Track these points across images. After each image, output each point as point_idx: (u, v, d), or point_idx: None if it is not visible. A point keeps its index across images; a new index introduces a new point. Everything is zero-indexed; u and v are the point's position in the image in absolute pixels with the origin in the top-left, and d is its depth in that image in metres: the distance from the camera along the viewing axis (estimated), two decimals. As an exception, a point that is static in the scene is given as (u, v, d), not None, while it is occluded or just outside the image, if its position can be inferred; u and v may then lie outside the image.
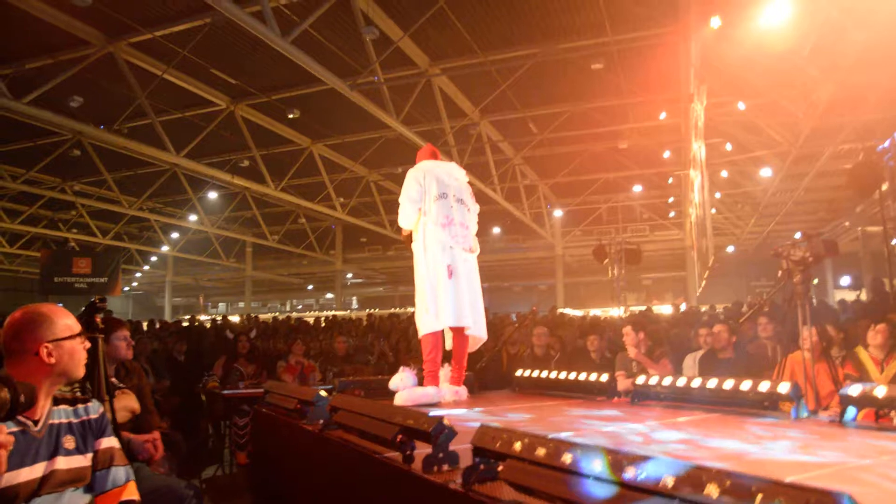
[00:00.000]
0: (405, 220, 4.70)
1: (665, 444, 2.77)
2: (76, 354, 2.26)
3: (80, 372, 2.28)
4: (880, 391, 3.13)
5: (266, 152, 16.19)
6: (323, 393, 3.68)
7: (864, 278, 20.49)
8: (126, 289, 36.16)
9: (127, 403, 3.73)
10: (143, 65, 11.39)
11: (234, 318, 19.88)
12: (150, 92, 11.66)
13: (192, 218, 22.53)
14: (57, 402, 2.26)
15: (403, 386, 4.49)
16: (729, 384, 3.59)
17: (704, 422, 3.38)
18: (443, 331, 4.60)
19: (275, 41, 8.25)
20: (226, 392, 6.69)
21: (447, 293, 4.52)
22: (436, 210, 4.62)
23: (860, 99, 11.14)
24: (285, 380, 7.13)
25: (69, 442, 2.21)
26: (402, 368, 4.65)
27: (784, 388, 3.40)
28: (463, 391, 4.73)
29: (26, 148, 15.68)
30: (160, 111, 12.84)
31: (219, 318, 18.76)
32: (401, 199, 4.69)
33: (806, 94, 11.35)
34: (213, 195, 21.43)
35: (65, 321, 2.26)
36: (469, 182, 5.03)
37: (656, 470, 1.54)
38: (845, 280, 25.04)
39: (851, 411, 3.24)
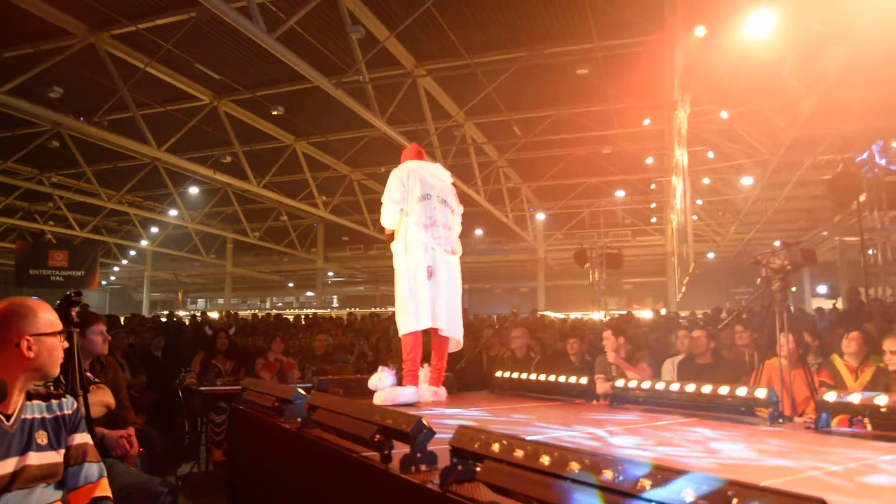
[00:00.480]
0: (387, 219, 4.70)
1: (641, 448, 2.79)
2: (55, 352, 2.24)
3: (56, 371, 2.26)
4: (854, 398, 3.18)
5: (249, 149, 16.09)
6: (301, 391, 3.66)
7: (840, 287, 20.79)
8: (104, 283, 35.74)
9: (102, 398, 3.69)
10: (125, 57, 11.27)
11: (214, 315, 19.73)
12: (132, 85, 11.54)
13: (173, 213, 22.32)
14: (30, 396, 2.23)
15: (382, 385, 4.48)
16: (707, 389, 3.62)
17: (682, 425, 3.41)
18: (423, 331, 4.59)
19: (260, 37, 8.19)
20: (203, 389, 6.64)
21: (426, 294, 4.52)
22: (418, 211, 4.62)
23: (841, 111, 11.30)
24: (264, 377, 7.09)
25: (42, 437, 2.18)
26: (380, 368, 4.63)
27: (761, 393, 3.43)
28: (442, 392, 4.73)
29: (3, 138, 15.43)
30: (142, 104, 12.70)
31: (198, 314, 18.62)
32: (383, 199, 4.69)
33: (788, 104, 11.50)
34: (194, 190, 21.26)
35: (48, 317, 2.24)
36: (453, 183, 5.03)
37: (633, 472, 1.55)
38: (822, 288, 25.39)
39: (826, 417, 3.28)
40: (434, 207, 4.69)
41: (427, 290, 4.53)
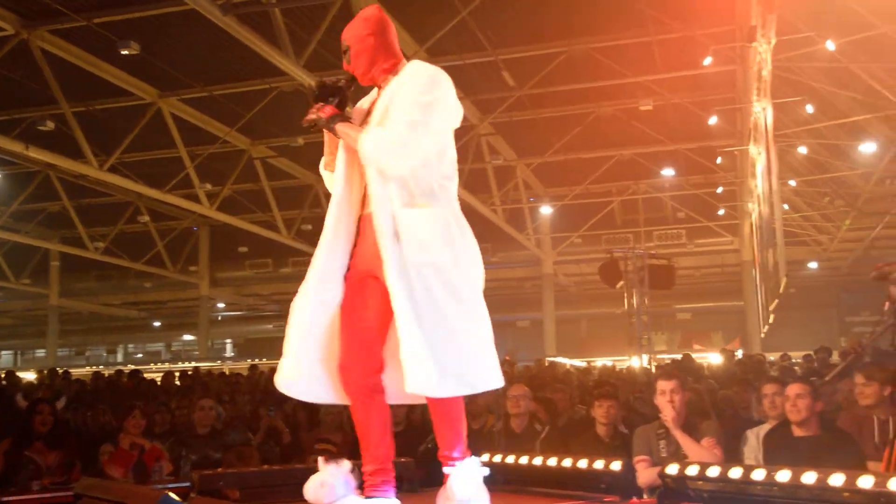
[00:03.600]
0: (417, 152, 3.54)
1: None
2: None
3: None
4: None
5: (84, 109, 15.98)
6: (174, 497, 3.61)
7: None
8: None
9: None
10: None
11: (28, 376, 19.44)
12: None
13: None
14: None
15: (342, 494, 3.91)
16: (811, 478, 3.61)
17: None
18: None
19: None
20: (9, 498, 6.54)
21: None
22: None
23: None
24: (113, 476, 7.00)
25: None
26: (325, 461, 3.98)
27: (897, 483, 3.44)
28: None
29: None
30: None
31: (1, 374, 18.33)
32: (419, 113, 3.56)
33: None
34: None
35: None
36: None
37: None
38: None
39: None
40: None
41: None
